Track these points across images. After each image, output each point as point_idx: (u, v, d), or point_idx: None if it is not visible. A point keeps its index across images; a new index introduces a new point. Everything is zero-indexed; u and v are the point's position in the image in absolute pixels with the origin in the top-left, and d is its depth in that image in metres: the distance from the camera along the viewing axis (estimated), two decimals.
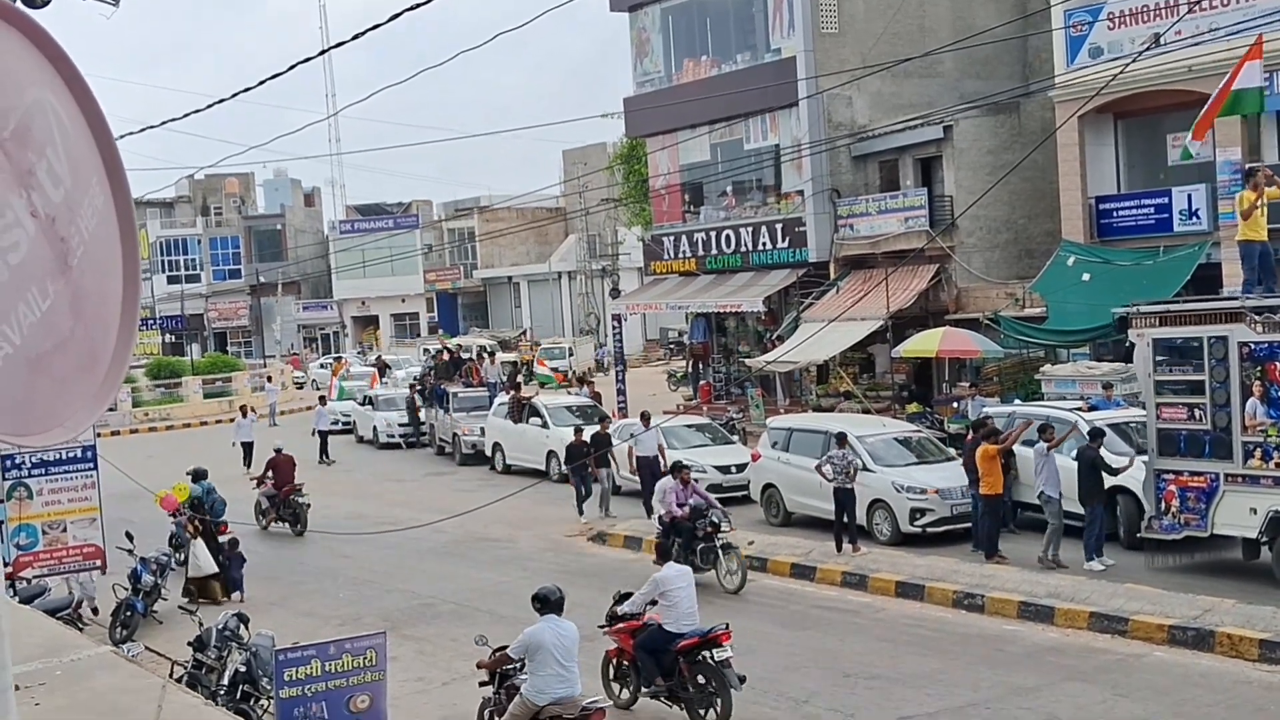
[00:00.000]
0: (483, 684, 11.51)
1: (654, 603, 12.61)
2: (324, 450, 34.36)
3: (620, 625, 12.89)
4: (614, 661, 12.98)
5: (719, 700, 11.97)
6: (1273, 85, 23.76)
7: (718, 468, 24.28)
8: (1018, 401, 22.69)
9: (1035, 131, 29.62)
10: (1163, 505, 16.42)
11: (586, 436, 24.12)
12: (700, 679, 12.14)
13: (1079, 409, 19.87)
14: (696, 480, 24.17)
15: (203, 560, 18.93)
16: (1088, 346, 26.02)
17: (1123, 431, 18.88)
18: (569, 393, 35.19)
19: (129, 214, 2.17)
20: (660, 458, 22.87)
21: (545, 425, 28.92)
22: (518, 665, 10.84)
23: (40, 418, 2.07)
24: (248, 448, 33.33)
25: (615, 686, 12.94)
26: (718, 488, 23.40)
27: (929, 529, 19.54)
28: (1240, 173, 24.25)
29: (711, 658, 12.14)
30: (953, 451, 21.22)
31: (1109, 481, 17.51)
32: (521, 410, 30.06)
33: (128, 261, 2.23)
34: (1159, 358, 16.61)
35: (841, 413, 27.79)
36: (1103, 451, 17.72)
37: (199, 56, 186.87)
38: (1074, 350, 26.27)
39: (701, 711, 12.08)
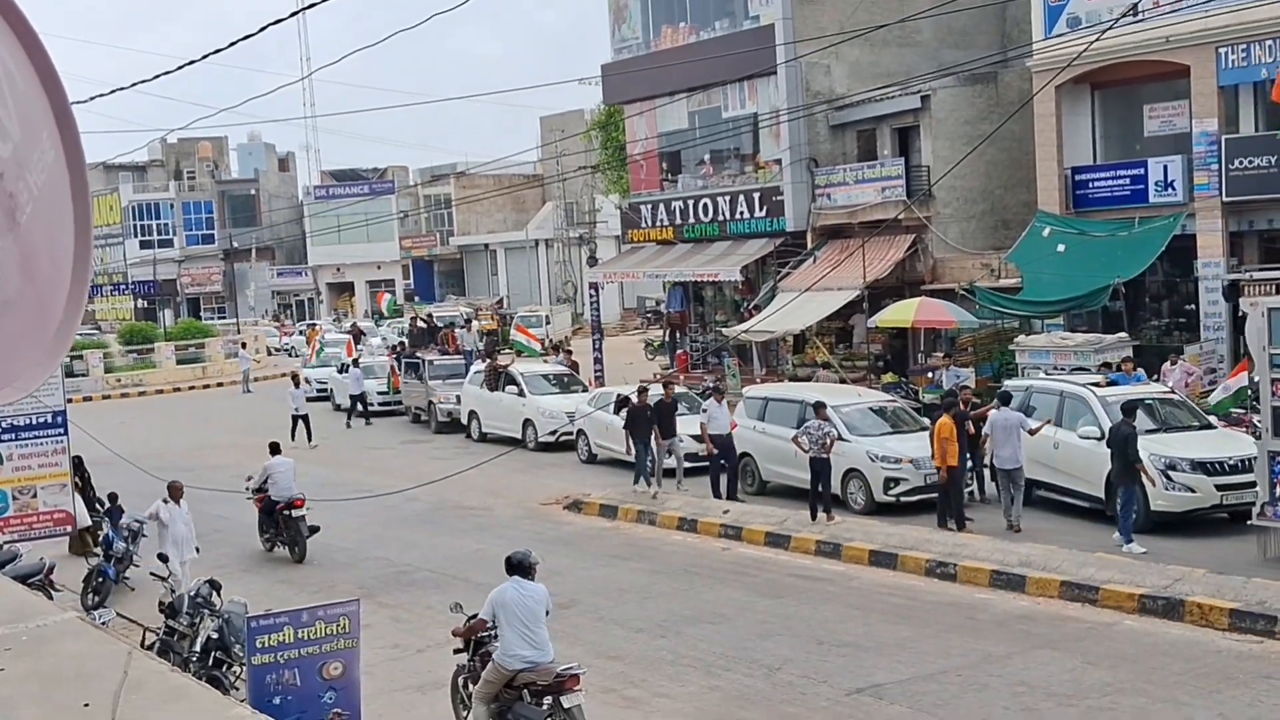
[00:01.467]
0: (457, 651, 11.49)
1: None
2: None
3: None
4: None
5: None
6: (1249, 58, 23.83)
7: (694, 437, 24.26)
8: (1042, 375, 21.97)
9: (1013, 102, 29.60)
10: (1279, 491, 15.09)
11: (651, 400, 22.08)
12: None
13: (1096, 384, 19.34)
14: (669, 450, 24.25)
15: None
16: (1062, 317, 26.12)
17: (1148, 408, 18.47)
18: (545, 361, 35.12)
19: (81, 169, 2.11)
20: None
21: (521, 394, 28.96)
22: (491, 632, 10.79)
23: None
24: (301, 420, 31.31)
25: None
26: (694, 456, 23.53)
27: (903, 498, 19.58)
28: (1216, 144, 24.35)
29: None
30: (926, 421, 21.24)
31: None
32: (497, 379, 30.04)
33: (79, 218, 2.18)
34: (1276, 328, 15.00)
35: (817, 382, 27.80)
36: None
37: (174, 19, 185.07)
38: (1048, 321, 26.36)
39: None
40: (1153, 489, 16.92)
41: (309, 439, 30.81)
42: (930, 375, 26.88)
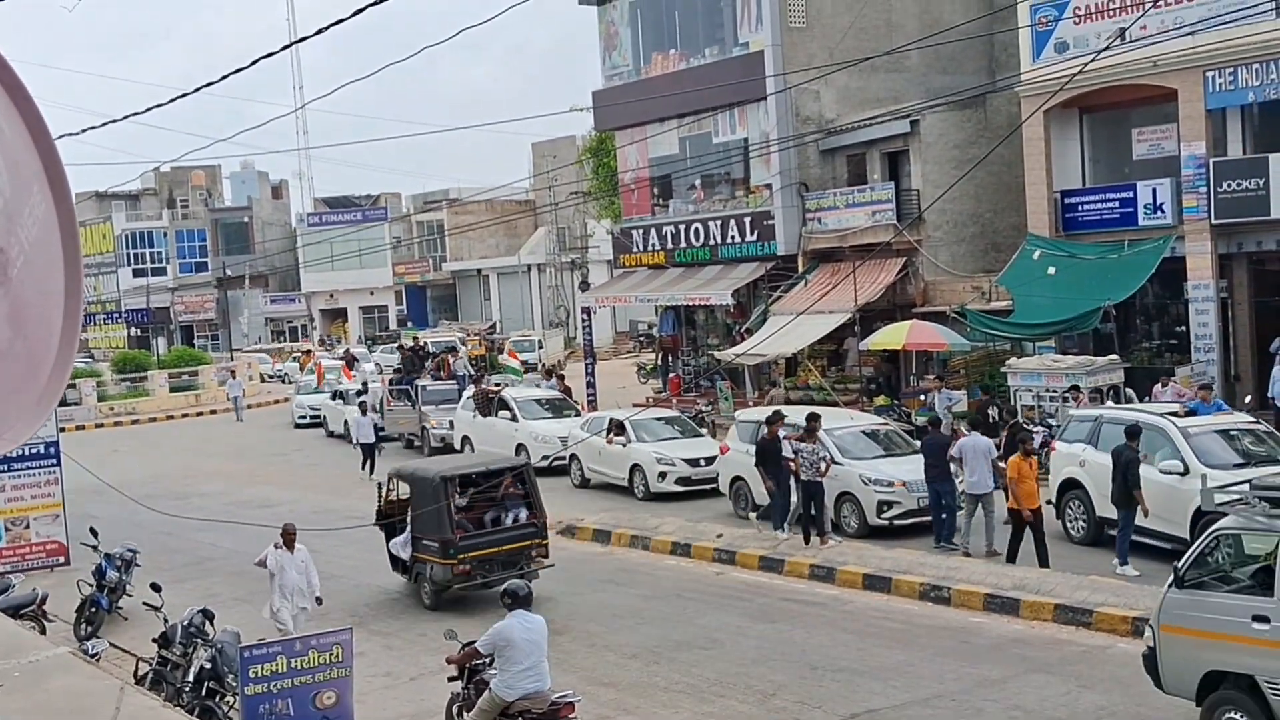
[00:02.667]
0: (451, 679, 11.48)
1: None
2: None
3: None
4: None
5: None
6: (1236, 81, 23.98)
7: (686, 460, 24.34)
8: (1109, 404, 21.13)
9: (1002, 126, 29.76)
10: None
11: (782, 431, 19.74)
12: None
13: (1174, 413, 17.89)
14: (664, 475, 24.12)
15: None
16: (1053, 340, 26.19)
17: (1230, 437, 17.16)
18: (538, 385, 35.11)
19: (71, 221, 2.14)
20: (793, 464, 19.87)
21: (514, 418, 28.99)
22: (486, 660, 10.79)
23: None
24: (368, 450, 29.26)
25: None
26: (686, 480, 23.50)
27: (895, 521, 19.57)
28: (1204, 167, 24.48)
29: None
30: (917, 444, 21.17)
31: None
32: (490, 403, 30.03)
33: (69, 270, 2.21)
34: None
35: (810, 406, 27.82)
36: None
37: (169, 47, 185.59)
38: (1040, 343, 26.44)
39: None
40: None
41: (370, 471, 27.90)
42: (922, 398, 26.94)
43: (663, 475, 24.38)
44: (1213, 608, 10.28)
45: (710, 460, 23.91)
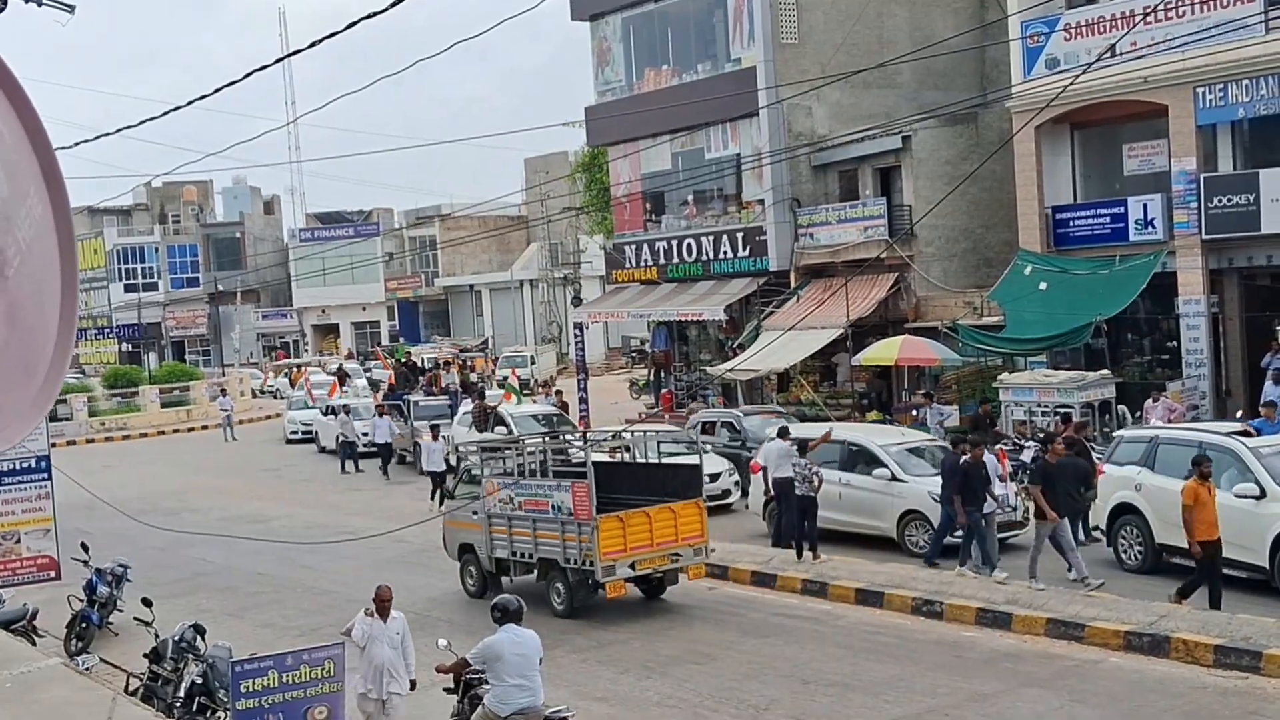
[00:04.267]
0: (448, 690, 11.48)
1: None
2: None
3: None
4: None
5: None
6: (1226, 98, 24.09)
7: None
8: (1157, 423, 20.43)
9: (993, 142, 29.86)
10: None
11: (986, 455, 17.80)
12: None
13: (1239, 433, 16.97)
14: None
15: None
16: (1045, 355, 26.24)
17: None
18: (534, 401, 34.99)
19: (68, 225, 2.15)
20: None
21: (510, 434, 28.74)
22: (481, 674, 10.77)
23: None
24: (437, 478, 26.42)
25: None
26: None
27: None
28: (1195, 183, 24.57)
29: None
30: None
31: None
32: (486, 419, 29.89)
33: (66, 272, 2.21)
34: None
35: (803, 422, 27.78)
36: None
37: (163, 63, 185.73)
38: (1032, 359, 26.49)
39: None
40: None
41: (440, 502, 24.33)
42: (914, 413, 26.96)
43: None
44: None
45: (715, 477, 23.10)
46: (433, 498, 25.58)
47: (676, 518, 16.82)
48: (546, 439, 20.30)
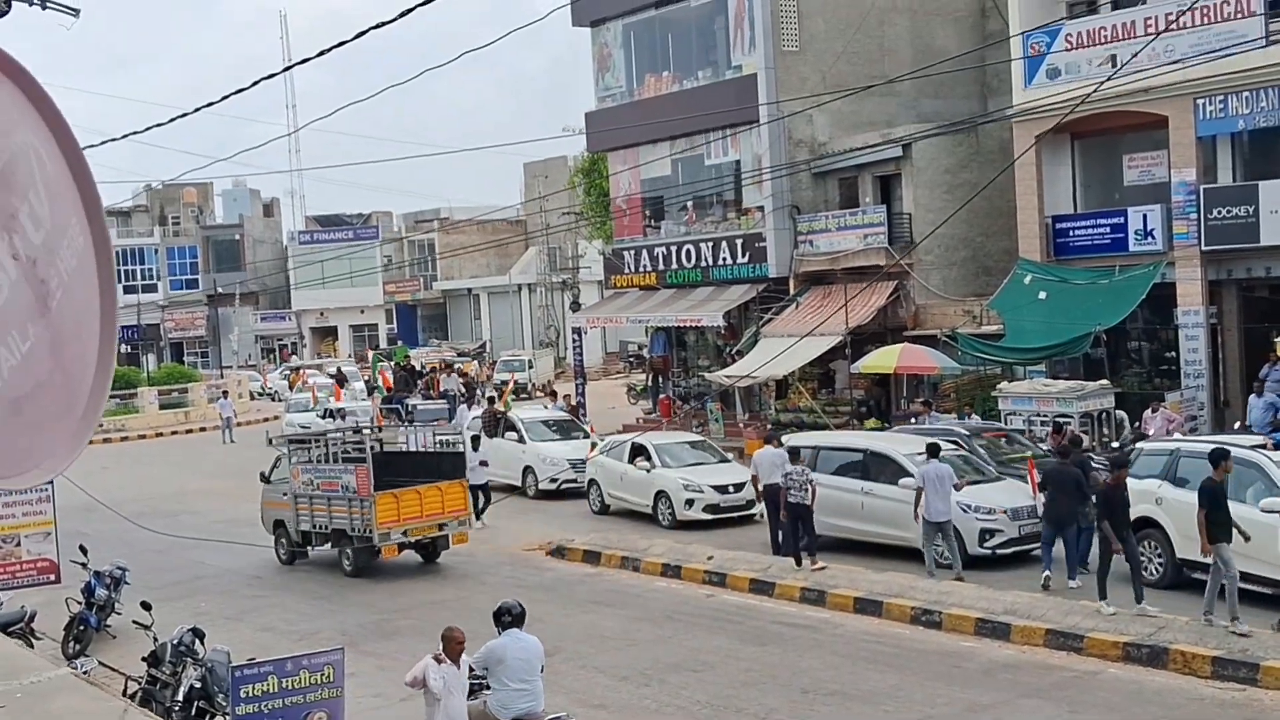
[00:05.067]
0: None
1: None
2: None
3: None
4: None
5: None
6: (1227, 109, 24.15)
7: (715, 487, 23.06)
8: (1177, 435, 20.19)
9: (993, 150, 29.91)
10: None
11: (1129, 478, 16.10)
12: None
13: (1262, 446, 16.60)
14: (691, 502, 23.12)
15: None
16: (1044, 364, 26.27)
17: None
18: (545, 406, 34.70)
19: (107, 253, 2.17)
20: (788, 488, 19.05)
21: (521, 440, 28.37)
22: (482, 679, 10.79)
23: (18, 459, 2.07)
24: (479, 492, 24.37)
25: None
26: (715, 508, 22.76)
27: (998, 550, 18.42)
28: (1194, 194, 24.62)
29: None
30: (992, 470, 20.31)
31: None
32: (497, 424, 29.60)
33: (105, 300, 2.23)
34: None
35: (801, 429, 27.83)
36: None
37: (165, 63, 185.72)
38: (1030, 368, 26.52)
39: None
40: None
41: (478, 516, 23.89)
42: (913, 421, 26.95)
43: (690, 502, 23.04)
44: None
45: (739, 487, 22.86)
46: (476, 517, 23.54)
47: (443, 495, 20.40)
48: (344, 434, 23.58)
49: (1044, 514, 17.28)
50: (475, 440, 25.72)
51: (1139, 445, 18.69)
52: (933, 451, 18.25)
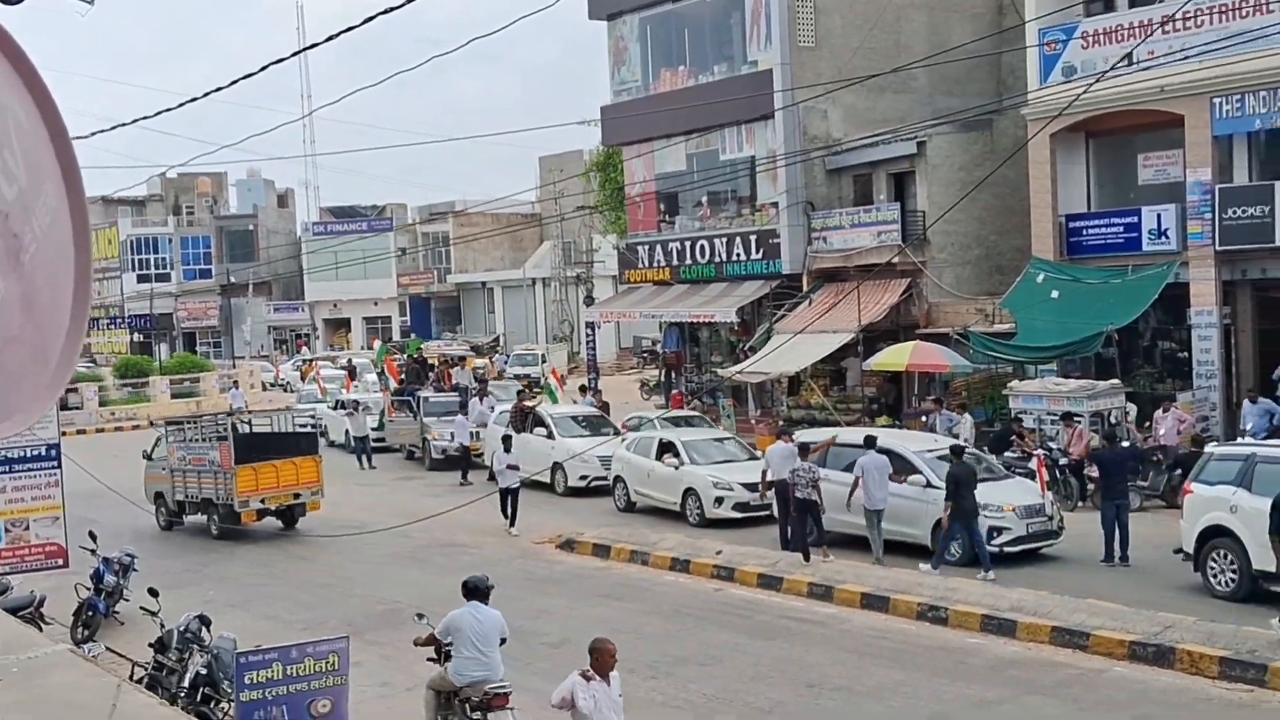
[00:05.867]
0: (430, 659, 11.74)
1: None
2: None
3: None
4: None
5: None
6: (1243, 109, 24.03)
7: (745, 485, 22.49)
8: (1248, 439, 19.64)
9: (1008, 148, 29.77)
10: None
11: None
12: None
13: None
14: (721, 500, 22.81)
15: None
16: (1055, 363, 26.20)
17: None
18: (574, 401, 34.48)
19: (83, 217, 2.17)
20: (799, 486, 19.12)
21: (550, 435, 28.02)
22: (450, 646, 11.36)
23: None
24: (509, 497, 23.29)
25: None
26: (744, 506, 22.42)
27: (1006, 549, 18.34)
28: (1210, 193, 24.52)
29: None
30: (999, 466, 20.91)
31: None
32: (525, 420, 29.34)
33: (80, 263, 2.24)
34: None
35: (813, 426, 27.81)
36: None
37: (183, 57, 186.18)
38: (1042, 367, 26.44)
39: None
40: None
41: (512, 523, 23.33)
42: (924, 419, 26.93)
43: (719, 500, 22.64)
44: None
45: (754, 487, 22.24)
46: (510, 527, 23.21)
47: (298, 469, 23.61)
48: (216, 418, 26.34)
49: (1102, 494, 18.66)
50: (506, 440, 24.59)
51: (1209, 450, 17.87)
52: (869, 443, 19.24)
